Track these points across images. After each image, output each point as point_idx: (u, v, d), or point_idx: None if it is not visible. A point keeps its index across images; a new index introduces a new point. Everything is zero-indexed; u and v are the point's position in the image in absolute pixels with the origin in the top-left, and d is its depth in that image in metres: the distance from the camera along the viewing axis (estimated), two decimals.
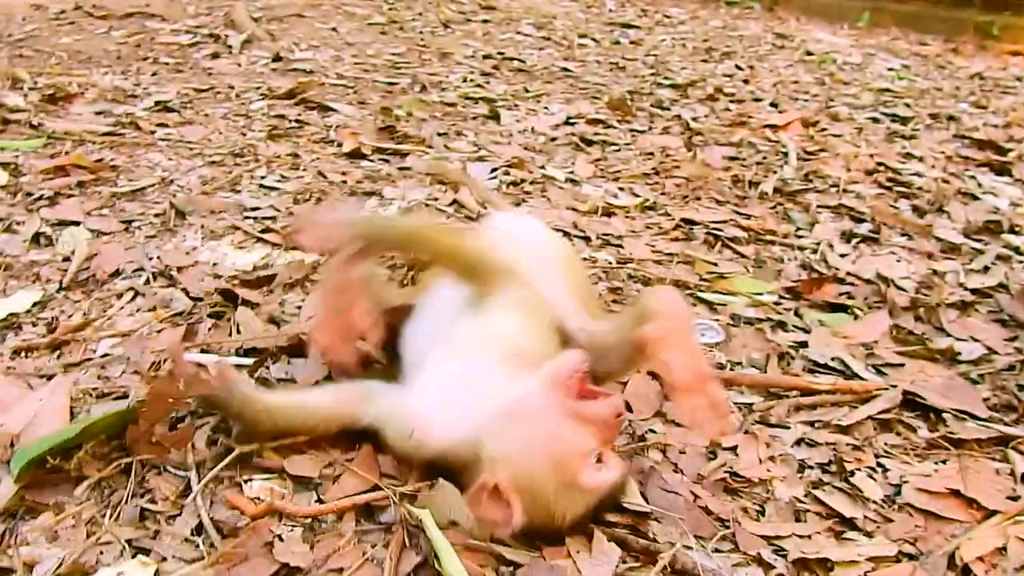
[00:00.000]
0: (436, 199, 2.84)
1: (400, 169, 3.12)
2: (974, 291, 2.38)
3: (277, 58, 4.60)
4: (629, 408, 1.74)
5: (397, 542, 1.36)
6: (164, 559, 1.33)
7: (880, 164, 3.45)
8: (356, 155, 3.20)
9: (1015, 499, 1.53)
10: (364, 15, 6.09)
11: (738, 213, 2.87)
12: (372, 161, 3.19)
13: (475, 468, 1.38)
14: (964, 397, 1.83)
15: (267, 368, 1.81)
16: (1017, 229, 2.83)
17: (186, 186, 2.79)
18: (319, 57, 4.77)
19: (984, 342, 2.10)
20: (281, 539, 1.38)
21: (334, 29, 5.58)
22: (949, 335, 2.14)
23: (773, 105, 4.43)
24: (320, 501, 1.47)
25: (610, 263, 2.47)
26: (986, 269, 2.53)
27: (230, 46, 4.79)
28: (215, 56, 4.60)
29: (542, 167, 3.22)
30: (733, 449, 1.65)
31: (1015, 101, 4.98)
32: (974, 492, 1.53)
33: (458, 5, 6.67)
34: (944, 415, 1.77)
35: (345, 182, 2.94)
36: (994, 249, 2.67)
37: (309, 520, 1.43)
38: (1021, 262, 2.60)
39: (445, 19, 6.19)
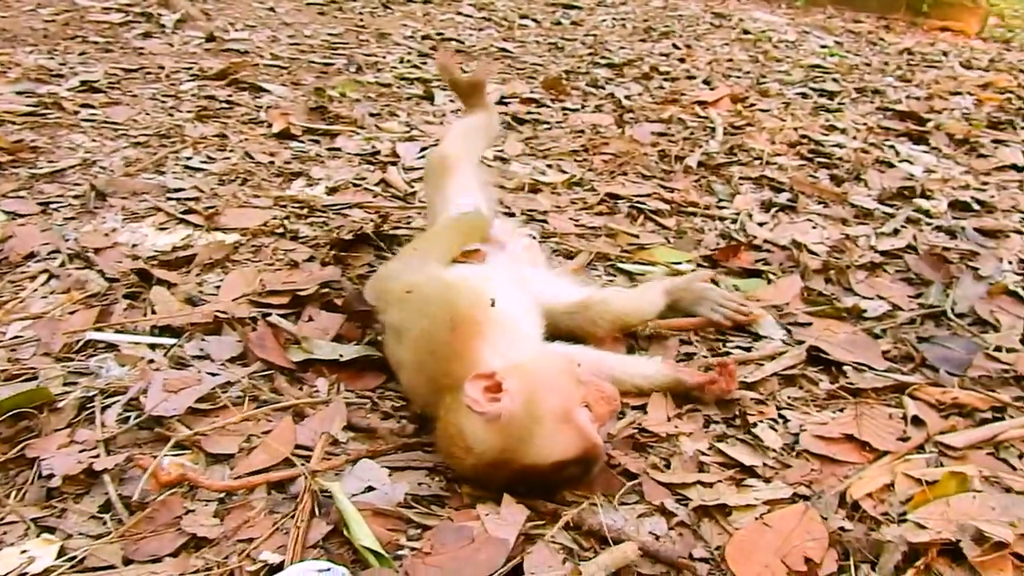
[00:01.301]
0: (364, 179, 2.84)
1: (329, 150, 3.11)
2: (884, 253, 2.46)
3: (211, 38, 4.54)
4: None
5: (305, 511, 1.38)
6: (69, 536, 1.33)
7: (804, 136, 3.53)
8: (285, 136, 3.18)
9: (905, 440, 1.60)
10: None
11: (662, 187, 2.92)
12: (302, 142, 3.17)
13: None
14: (865, 351, 1.90)
15: (181, 347, 1.80)
16: (928, 194, 2.93)
17: (108, 167, 2.75)
18: (255, 37, 4.72)
19: (889, 299, 2.17)
20: (192, 512, 1.38)
21: (271, 9, 5.52)
22: (857, 294, 2.21)
23: (706, 83, 4.50)
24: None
25: (534, 237, 2.49)
26: (896, 232, 2.61)
27: (163, 25, 4.72)
28: (147, 36, 4.53)
29: None
30: (642, 407, 1.70)
31: (939, 74, 5.12)
32: (867, 436, 1.59)
33: None
34: (845, 368, 1.84)
35: (272, 162, 2.92)
36: (905, 213, 2.75)
37: (221, 494, 1.43)
38: (930, 224, 2.69)
39: None
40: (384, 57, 4.55)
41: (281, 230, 2.41)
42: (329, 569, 1.25)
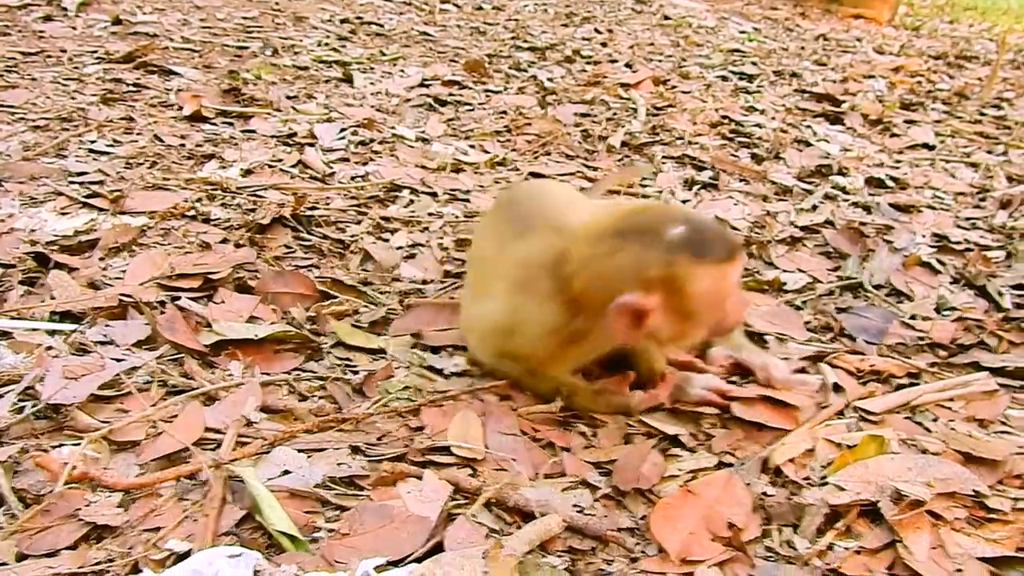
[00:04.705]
0: (280, 160, 2.75)
1: (244, 131, 3.00)
2: (803, 228, 2.49)
3: (117, 21, 4.34)
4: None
5: (216, 497, 1.31)
6: None
7: (724, 117, 3.57)
8: (197, 118, 3.05)
9: (825, 407, 1.61)
10: None
11: (586, 166, 2.91)
12: (214, 124, 3.05)
13: None
14: (787, 322, 1.92)
15: (83, 333, 1.70)
16: (845, 171, 2.99)
17: (4, 152, 2.59)
18: (164, 20, 4.53)
19: (809, 272, 2.21)
20: (94, 503, 1.30)
21: None
22: (778, 268, 2.24)
23: (628, 66, 4.51)
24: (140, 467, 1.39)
25: (457, 217, 2.46)
26: (814, 208, 2.65)
27: (65, 8, 4.48)
28: (47, 19, 4.29)
29: (393, 127, 3.16)
30: None
31: (853, 59, 5.25)
32: (790, 404, 1.60)
33: None
34: (767, 338, 1.85)
35: (183, 145, 2.80)
36: (823, 189, 2.80)
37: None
38: (847, 200, 2.74)
39: None
40: (301, 40, 4.43)
41: (192, 212, 2.31)
42: (241, 554, 1.19)
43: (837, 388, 1.67)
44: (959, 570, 1.21)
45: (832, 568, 1.22)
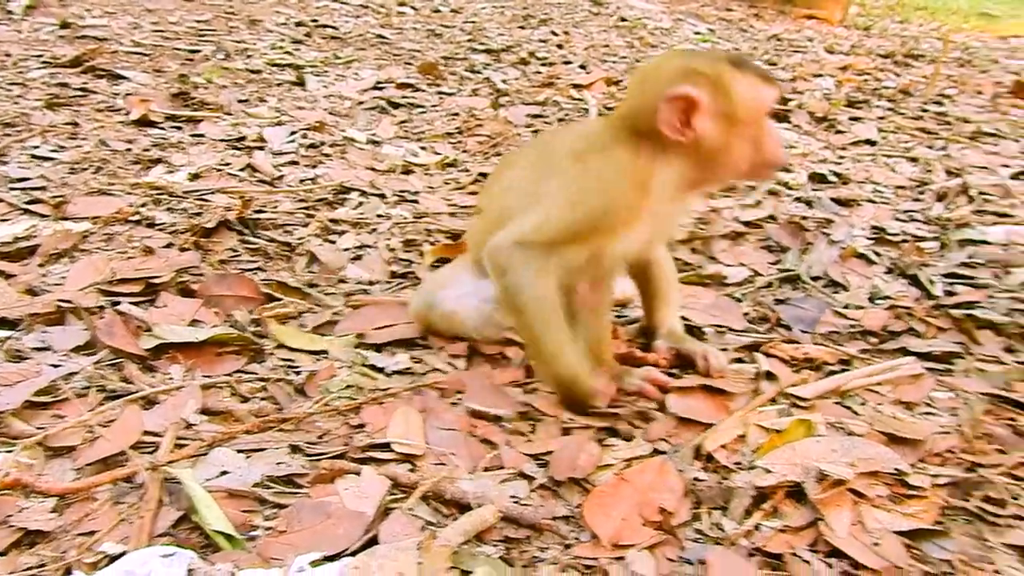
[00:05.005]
0: (228, 164, 2.74)
1: (192, 136, 2.99)
2: (746, 223, 2.53)
3: (65, 25, 4.30)
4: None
5: (151, 499, 1.31)
6: None
7: None
8: (144, 123, 3.04)
9: (758, 394, 1.65)
10: None
11: None
12: (163, 129, 3.04)
13: None
14: (727, 314, 1.96)
15: (19, 339, 1.69)
16: (789, 168, 3.04)
17: None
18: (114, 24, 4.50)
19: (750, 266, 2.25)
20: (26, 509, 1.30)
21: None
22: (720, 262, 2.28)
23: (582, 67, 4.55)
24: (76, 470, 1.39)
25: (405, 218, 2.47)
26: (758, 203, 2.70)
27: (10, 12, 4.44)
28: None
29: (344, 130, 3.17)
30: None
31: (803, 58, 5.34)
32: (725, 393, 1.63)
33: None
34: (706, 330, 1.89)
35: (130, 150, 2.78)
36: (766, 185, 2.85)
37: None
38: (790, 195, 2.80)
39: None
40: (255, 44, 4.42)
41: (137, 217, 2.29)
42: (174, 554, 1.19)
43: (770, 376, 1.70)
44: (876, 544, 1.25)
45: (758, 547, 1.25)
